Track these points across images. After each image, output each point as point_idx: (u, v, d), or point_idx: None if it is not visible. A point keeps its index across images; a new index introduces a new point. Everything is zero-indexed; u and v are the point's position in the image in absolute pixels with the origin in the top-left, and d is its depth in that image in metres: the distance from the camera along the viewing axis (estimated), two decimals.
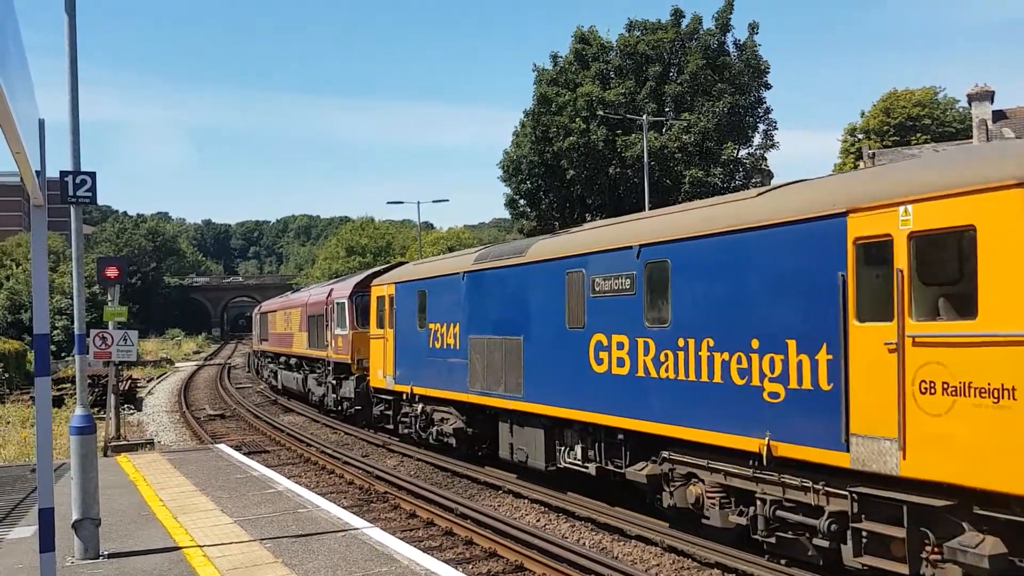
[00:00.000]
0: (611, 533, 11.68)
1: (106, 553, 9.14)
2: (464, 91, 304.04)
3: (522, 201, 46.21)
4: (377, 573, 8.34)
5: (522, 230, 44.74)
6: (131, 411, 29.36)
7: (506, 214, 50.97)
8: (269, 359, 37.46)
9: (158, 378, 46.62)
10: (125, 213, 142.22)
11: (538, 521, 12.65)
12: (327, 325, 24.98)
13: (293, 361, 31.16)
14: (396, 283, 19.07)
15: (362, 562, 8.75)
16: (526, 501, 13.86)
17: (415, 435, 18.29)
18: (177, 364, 58.98)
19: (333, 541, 9.64)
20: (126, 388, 30.51)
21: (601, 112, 40.00)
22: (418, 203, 54.57)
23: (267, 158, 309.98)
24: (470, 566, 10.31)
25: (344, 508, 12.14)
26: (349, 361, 22.71)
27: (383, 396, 20.03)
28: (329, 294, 25.43)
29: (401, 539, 10.31)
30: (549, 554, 10.44)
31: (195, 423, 25.78)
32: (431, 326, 16.98)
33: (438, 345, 16.55)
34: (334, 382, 24.59)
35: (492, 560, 10.68)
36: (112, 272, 18.04)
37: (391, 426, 19.85)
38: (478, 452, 16.68)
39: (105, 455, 17.77)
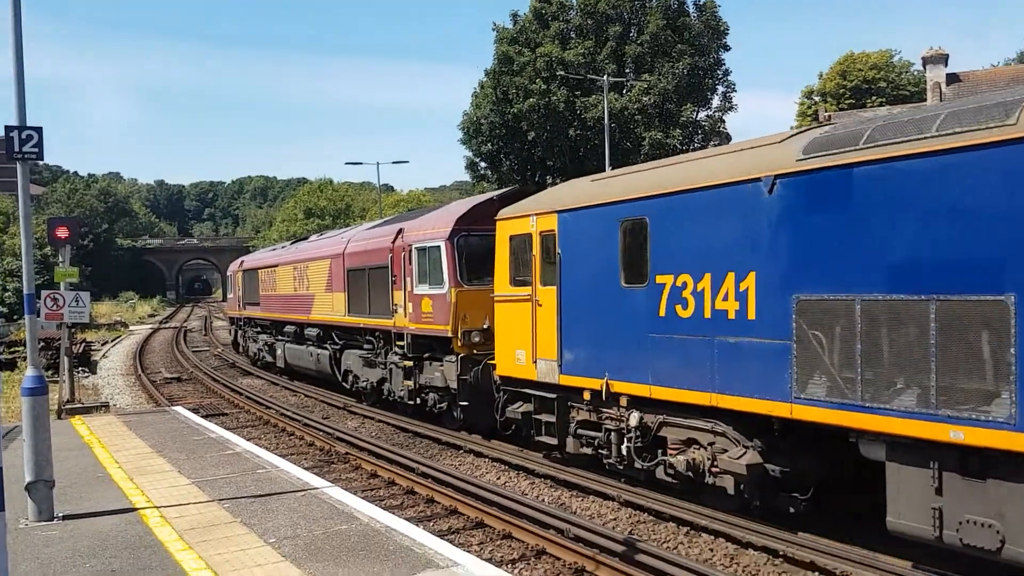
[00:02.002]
0: (570, 489, 11.84)
1: (61, 515, 9.04)
2: (424, 50, 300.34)
3: (482, 164, 45.97)
4: (337, 531, 8.37)
5: (483, 192, 44.59)
6: (85, 374, 28.92)
7: (467, 177, 50.73)
8: (260, 329, 30.14)
9: (112, 341, 45.91)
10: (76, 173, 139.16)
11: (498, 479, 12.78)
12: (395, 281, 17.33)
13: (313, 332, 23.09)
14: (562, 211, 11.93)
15: (322, 520, 8.77)
16: (486, 460, 13.97)
17: (618, 461, 11.16)
18: (132, 327, 58.07)
19: (293, 500, 9.63)
20: (80, 351, 30.00)
21: (561, 73, 39.79)
22: (377, 164, 54.26)
23: (222, 117, 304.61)
24: (431, 523, 10.40)
25: (304, 469, 12.12)
26: (447, 334, 15.22)
27: (526, 391, 13.00)
28: (398, 236, 17.40)
29: (362, 498, 10.36)
30: (509, 510, 10.56)
31: (151, 386, 25.47)
32: (663, 279, 9.99)
33: (686, 313, 9.68)
34: (408, 364, 16.88)
35: (452, 517, 10.78)
36: (63, 232, 17.68)
37: (549, 439, 12.56)
38: (790, 508, 9.12)
39: (59, 418, 17.53)
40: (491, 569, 7.42)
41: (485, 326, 14.78)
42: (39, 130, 9.04)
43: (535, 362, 12.40)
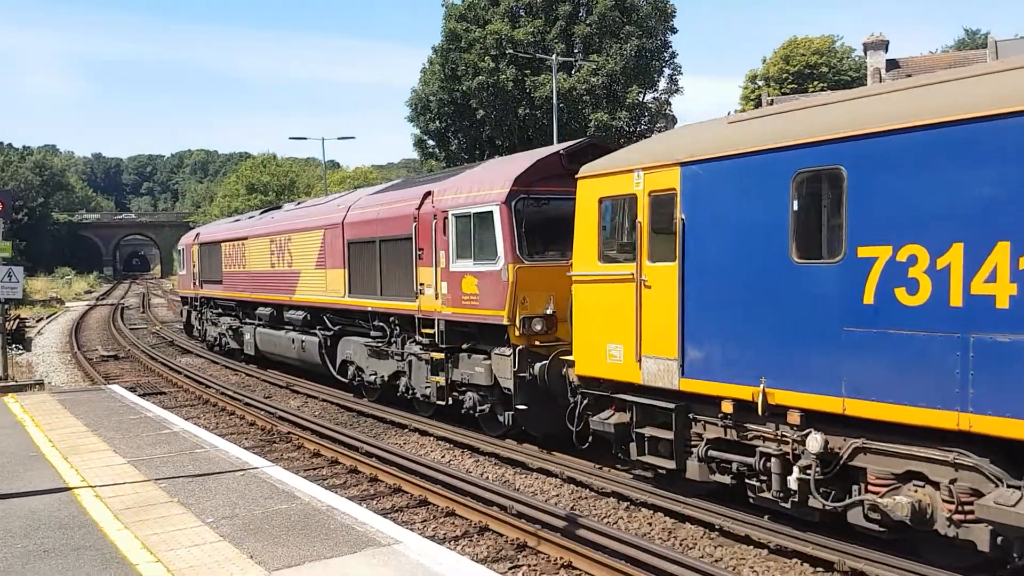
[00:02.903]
0: (514, 467, 11.93)
1: None
2: (372, 25, 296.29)
3: (431, 142, 45.63)
4: (277, 510, 8.30)
5: (432, 171, 44.36)
6: (19, 351, 28.09)
7: (415, 154, 50.30)
8: (222, 310, 26.52)
9: (48, 318, 44.67)
10: (10, 145, 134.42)
11: (443, 457, 12.81)
12: (421, 256, 14.27)
13: (298, 316, 19.77)
14: (688, 163, 9.07)
15: (262, 500, 8.69)
16: (432, 439, 13.98)
17: (779, 497, 8.25)
18: (68, 304, 56.57)
19: (231, 480, 9.52)
20: (13, 328, 29.14)
21: (511, 51, 39.65)
22: (323, 139, 53.50)
23: (161, 89, 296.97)
24: (374, 502, 10.39)
25: (245, 448, 11.99)
26: (500, 320, 12.32)
27: (622, 396, 10.10)
28: (425, 200, 14.27)
29: (304, 477, 10.29)
30: (453, 488, 10.61)
31: (87, 364, 24.89)
32: (871, 252, 7.30)
33: (914, 299, 6.98)
34: (438, 356, 13.92)
35: (396, 495, 10.79)
36: None
37: (660, 460, 9.64)
38: None
39: None
40: (433, 546, 7.44)
41: (549, 312, 12.14)
42: None
43: (639, 360, 9.59)
